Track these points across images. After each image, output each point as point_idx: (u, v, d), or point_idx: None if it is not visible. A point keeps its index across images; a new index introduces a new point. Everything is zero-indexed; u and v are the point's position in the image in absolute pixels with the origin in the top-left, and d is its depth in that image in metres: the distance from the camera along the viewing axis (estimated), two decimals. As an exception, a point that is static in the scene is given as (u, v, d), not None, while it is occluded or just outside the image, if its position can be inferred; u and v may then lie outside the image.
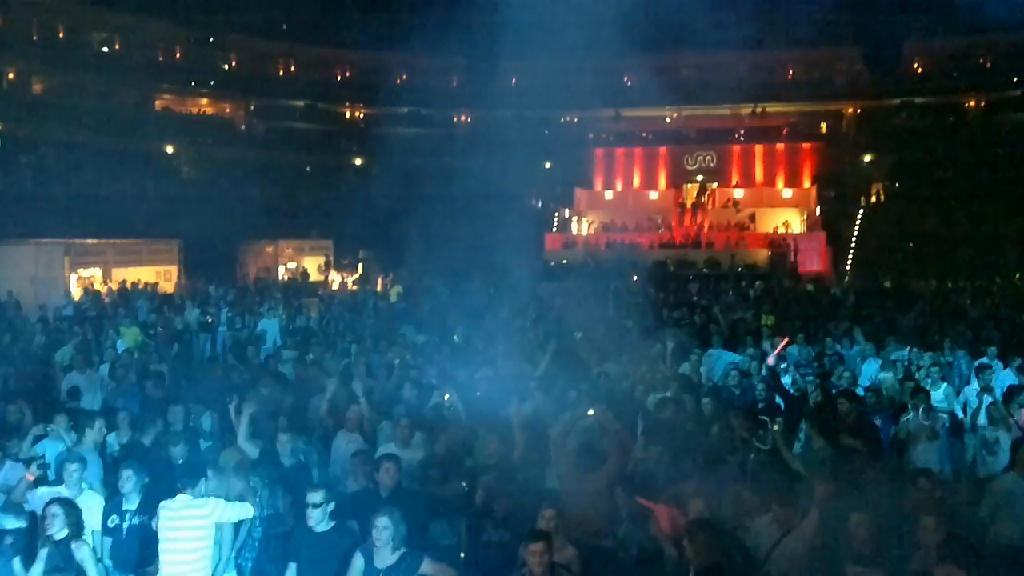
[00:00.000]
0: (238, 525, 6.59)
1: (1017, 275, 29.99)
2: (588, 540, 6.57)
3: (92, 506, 6.65)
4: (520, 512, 6.66)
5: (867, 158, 42.72)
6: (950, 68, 43.58)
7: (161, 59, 42.67)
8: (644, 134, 44.84)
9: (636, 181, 43.49)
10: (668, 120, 46.01)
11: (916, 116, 43.60)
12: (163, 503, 6.13)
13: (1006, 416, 9.19)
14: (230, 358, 13.79)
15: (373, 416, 8.91)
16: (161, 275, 28.81)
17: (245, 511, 6.32)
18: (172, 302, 22.02)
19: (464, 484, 7.40)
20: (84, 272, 27.08)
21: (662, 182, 42.95)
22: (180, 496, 6.13)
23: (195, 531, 5.98)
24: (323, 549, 5.99)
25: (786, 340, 13.24)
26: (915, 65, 44.58)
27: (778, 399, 10.45)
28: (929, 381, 10.88)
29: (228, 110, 45.81)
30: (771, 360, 12.11)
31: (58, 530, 5.91)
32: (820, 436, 8.45)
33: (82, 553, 5.90)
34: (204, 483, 6.32)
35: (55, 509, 5.96)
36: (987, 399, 9.66)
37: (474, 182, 40.52)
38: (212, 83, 43.84)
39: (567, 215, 41.38)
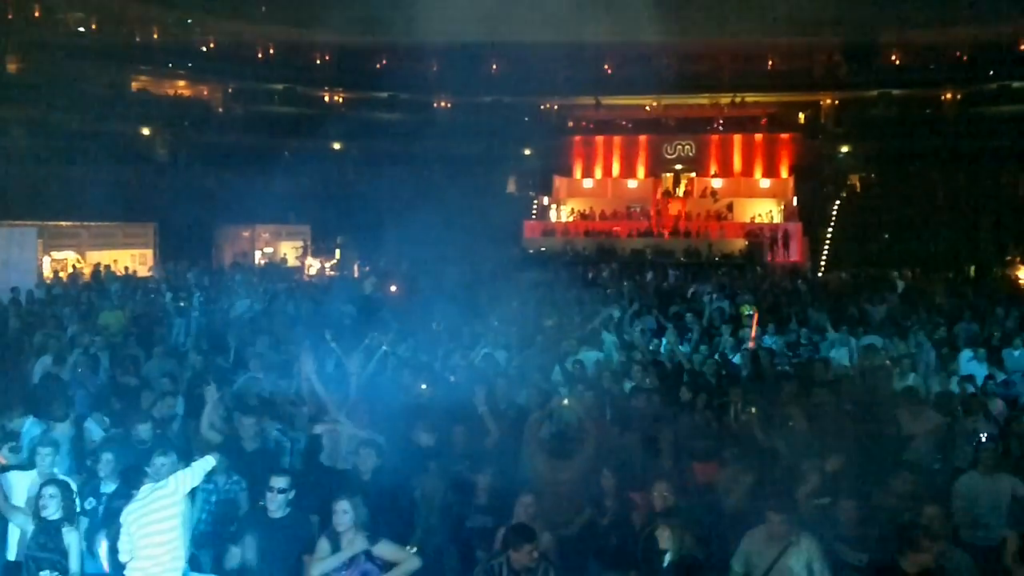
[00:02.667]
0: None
1: (994, 267, 30.30)
2: (562, 527, 6.62)
3: None
4: (504, 498, 6.68)
5: (844, 149, 42.96)
6: (927, 60, 43.93)
7: (138, 40, 42.24)
8: (623, 122, 44.87)
9: (615, 169, 43.49)
10: (647, 109, 46.08)
11: (893, 108, 43.90)
12: (128, 506, 6.06)
13: (984, 406, 9.29)
14: (203, 343, 13.66)
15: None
16: (136, 259, 28.60)
17: (206, 464, 6.17)
18: (147, 286, 21.82)
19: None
20: (58, 255, 26.85)
21: (641, 171, 42.98)
22: (143, 487, 6.08)
23: (166, 512, 5.93)
24: (278, 535, 5.97)
25: (755, 314, 13.39)
26: (892, 57, 44.85)
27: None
28: (898, 372, 10.99)
29: (205, 93, 45.43)
30: (752, 344, 12.21)
31: (53, 512, 5.96)
32: (804, 420, 8.47)
33: (71, 538, 5.95)
34: (162, 465, 6.29)
35: (52, 491, 6.01)
36: (969, 389, 9.77)
37: (453, 168, 40.54)
38: (189, 65, 43.43)
39: (546, 202, 41.37)
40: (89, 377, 10.78)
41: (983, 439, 7.69)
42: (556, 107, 47.52)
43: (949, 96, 43.42)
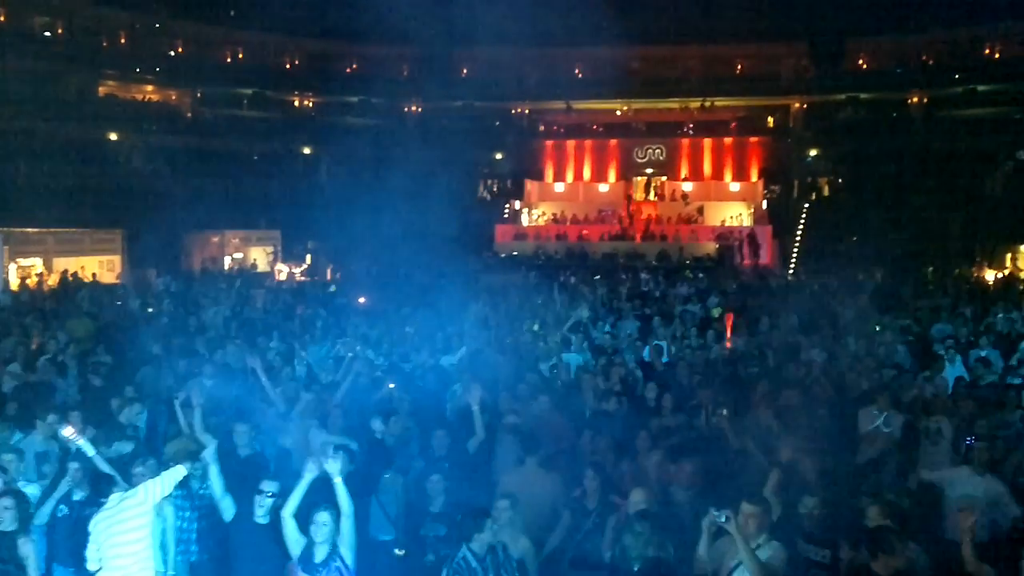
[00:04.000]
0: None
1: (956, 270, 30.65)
2: (536, 532, 6.61)
3: None
4: (460, 506, 6.66)
5: (813, 152, 43.32)
6: (893, 65, 44.41)
7: (105, 45, 41.75)
8: (594, 126, 45.05)
9: (587, 173, 43.70)
10: (618, 113, 46.21)
11: (861, 111, 44.33)
12: (97, 515, 5.99)
13: (949, 406, 9.37)
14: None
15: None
16: (104, 265, 28.34)
17: (177, 473, 6.12)
18: (115, 293, 21.61)
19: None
20: (24, 262, 26.56)
21: (612, 175, 43.21)
22: (112, 495, 6.02)
23: (135, 521, 5.88)
24: (263, 541, 5.97)
25: (731, 316, 13.49)
26: (859, 61, 45.28)
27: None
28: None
29: (174, 97, 45.00)
30: (728, 343, 12.30)
31: (8, 524, 5.88)
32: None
33: (26, 550, 5.85)
34: (141, 475, 6.24)
35: (7, 502, 5.93)
36: (930, 390, 9.86)
37: (425, 173, 40.45)
38: (157, 69, 43.01)
39: (518, 207, 41.42)
40: (57, 385, 10.68)
41: (973, 439, 7.71)
42: (527, 111, 47.56)
43: (915, 100, 43.91)
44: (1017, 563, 5.55)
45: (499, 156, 44.72)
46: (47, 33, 39.77)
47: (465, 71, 47.35)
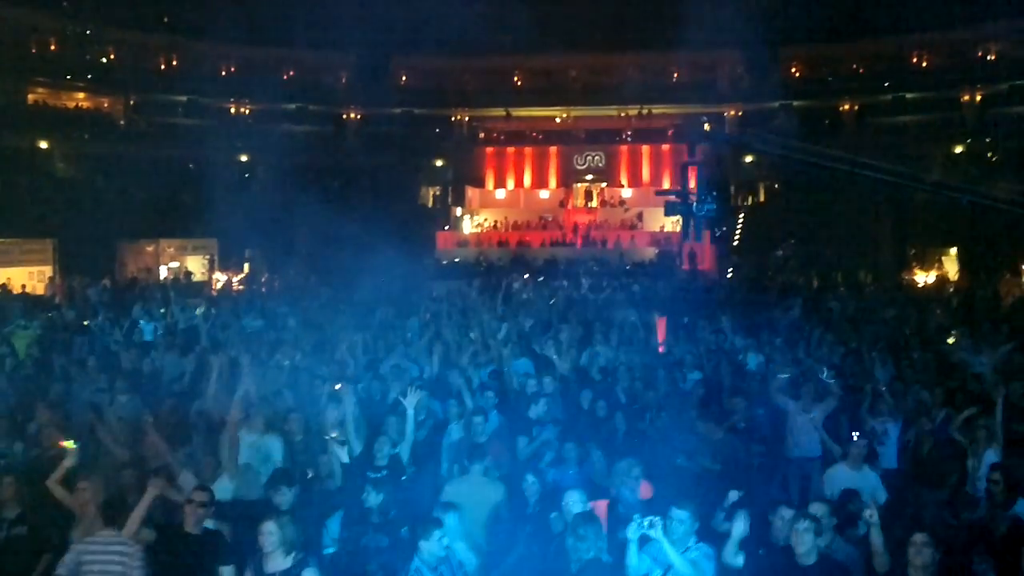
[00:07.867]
0: None
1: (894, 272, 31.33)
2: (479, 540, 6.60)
3: None
4: (402, 517, 6.61)
5: (748, 158, 44.00)
6: (825, 73, 45.49)
7: (34, 51, 40.84)
8: (534, 134, 45.28)
9: (527, 180, 43.88)
10: (558, 120, 46.54)
11: (794, 118, 45.14)
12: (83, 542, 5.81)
13: (893, 407, 9.61)
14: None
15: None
16: (35, 276, 27.65)
17: None
18: (47, 305, 21.08)
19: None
20: (-50, 273, 25.78)
21: (552, 181, 43.45)
22: (105, 531, 5.87)
23: (116, 567, 5.72)
24: (193, 550, 5.87)
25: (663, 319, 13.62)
26: (793, 70, 46.20)
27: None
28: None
29: (106, 105, 44.13)
30: (661, 348, 12.37)
31: None
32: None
33: None
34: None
35: None
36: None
37: (364, 180, 40.24)
38: (89, 76, 42.18)
39: (459, 214, 41.39)
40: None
41: (855, 436, 7.96)
42: (467, 118, 47.61)
43: (847, 107, 44.92)
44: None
45: (440, 163, 44.68)
46: (-27, 39, 38.75)
47: (404, 78, 47.25)
